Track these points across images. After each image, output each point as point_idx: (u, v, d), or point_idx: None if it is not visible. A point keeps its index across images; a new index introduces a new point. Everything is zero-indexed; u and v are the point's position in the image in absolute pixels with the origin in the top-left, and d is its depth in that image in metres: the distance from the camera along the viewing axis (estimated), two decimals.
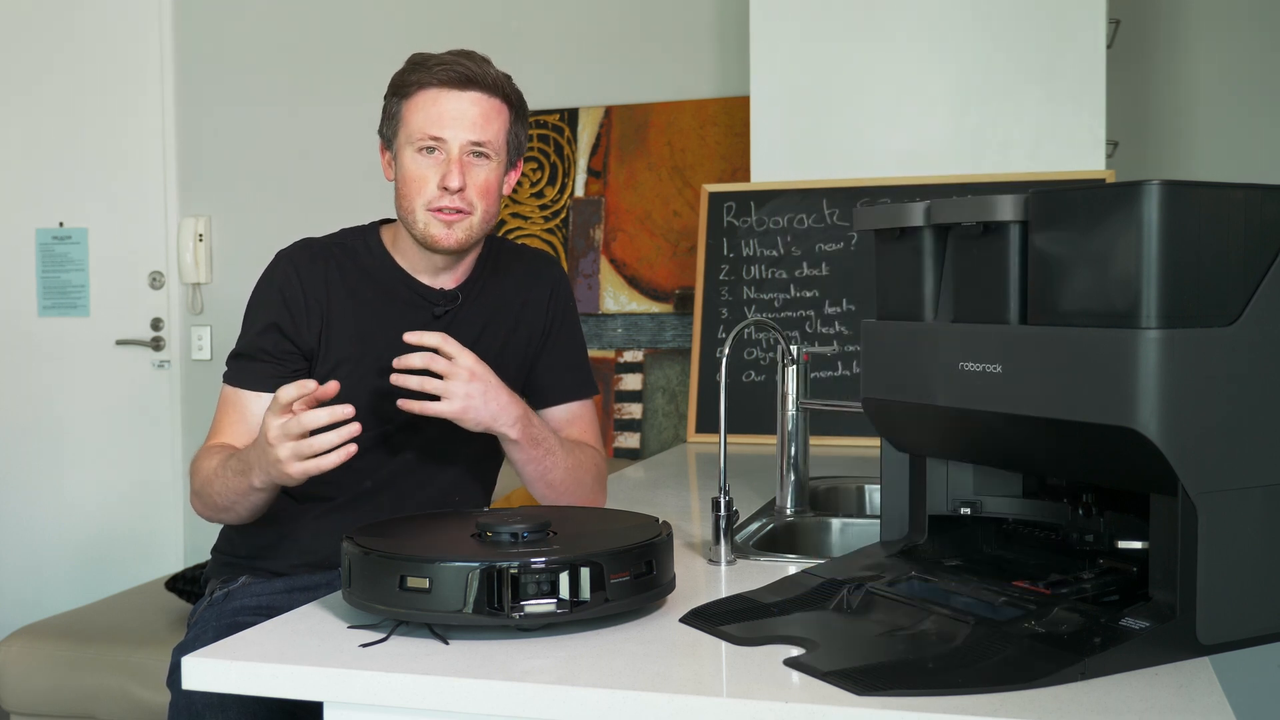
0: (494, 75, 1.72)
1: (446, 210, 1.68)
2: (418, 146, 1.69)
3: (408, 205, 1.71)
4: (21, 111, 3.86)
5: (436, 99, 1.69)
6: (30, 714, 2.59)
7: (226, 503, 1.63)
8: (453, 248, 1.71)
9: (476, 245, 1.78)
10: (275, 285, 1.75)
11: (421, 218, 1.70)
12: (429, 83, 1.69)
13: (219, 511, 1.66)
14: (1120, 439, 1.11)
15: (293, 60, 3.70)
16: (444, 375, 1.57)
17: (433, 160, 1.69)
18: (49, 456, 3.87)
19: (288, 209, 3.67)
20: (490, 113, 1.70)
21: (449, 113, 1.68)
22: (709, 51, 3.35)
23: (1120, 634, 1.10)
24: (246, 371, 1.73)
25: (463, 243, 1.71)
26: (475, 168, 1.70)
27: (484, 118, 1.70)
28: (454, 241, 1.70)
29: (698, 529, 1.76)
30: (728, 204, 2.93)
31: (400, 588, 1.20)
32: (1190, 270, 1.11)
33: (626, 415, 3.33)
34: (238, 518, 1.66)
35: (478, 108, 1.69)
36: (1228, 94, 3.08)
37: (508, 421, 1.62)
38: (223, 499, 1.63)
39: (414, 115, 1.70)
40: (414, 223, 1.71)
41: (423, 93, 1.69)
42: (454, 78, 1.68)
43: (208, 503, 1.66)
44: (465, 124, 1.68)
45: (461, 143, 1.68)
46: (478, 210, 1.71)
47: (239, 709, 1.53)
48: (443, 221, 1.69)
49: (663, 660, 1.15)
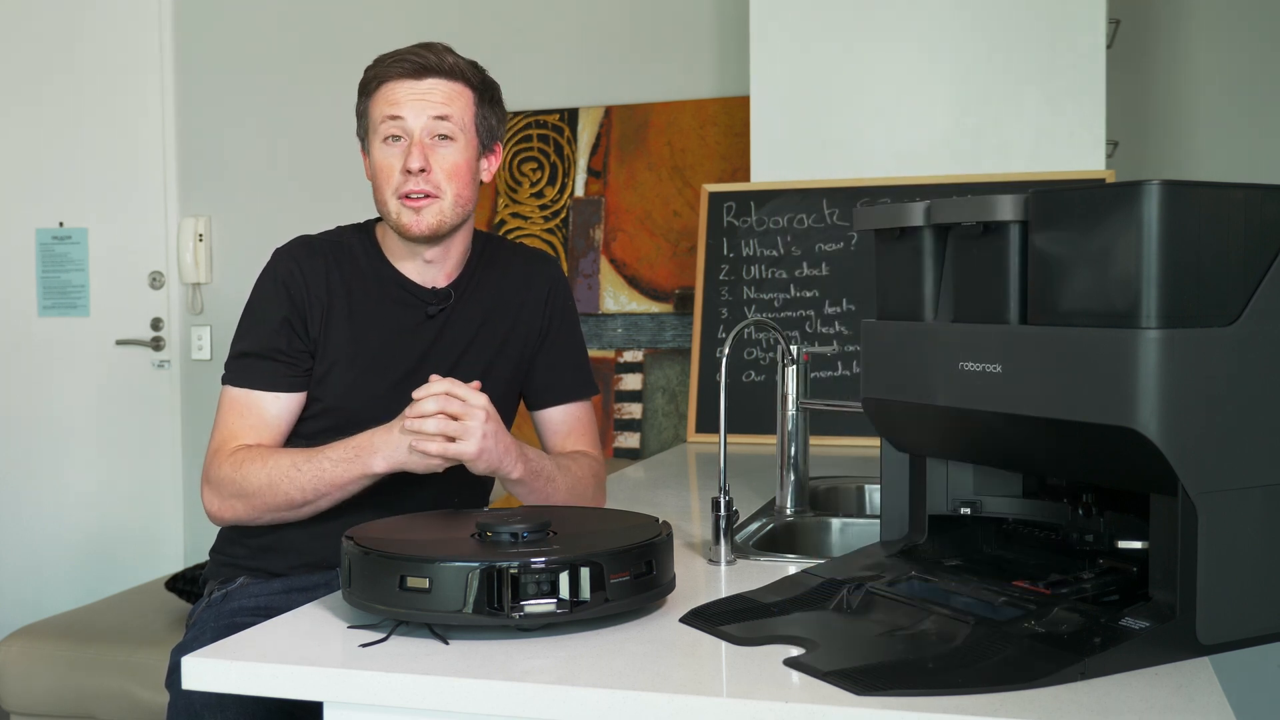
0: (451, 62, 1.73)
1: (414, 195, 1.69)
2: (383, 136, 1.71)
3: (381, 197, 1.72)
4: (22, 111, 3.86)
5: (395, 89, 1.71)
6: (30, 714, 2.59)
7: (309, 496, 1.62)
8: (425, 234, 1.70)
9: (457, 232, 1.76)
10: (280, 281, 1.74)
11: (393, 207, 1.71)
12: (387, 76, 1.72)
13: (291, 507, 1.64)
14: (1120, 439, 1.11)
15: (293, 60, 3.70)
16: (459, 417, 1.54)
17: (398, 148, 1.70)
18: (49, 456, 3.87)
19: (288, 209, 3.67)
20: (450, 95, 1.71)
21: (406, 100, 1.70)
22: (709, 51, 3.35)
23: (1120, 634, 1.10)
24: (256, 371, 1.71)
25: (434, 228, 1.70)
26: (439, 149, 1.70)
27: (444, 99, 1.71)
28: (425, 227, 1.70)
29: (698, 529, 1.76)
30: (728, 204, 2.93)
31: (400, 588, 1.20)
32: (1190, 270, 1.11)
33: (626, 415, 3.33)
34: (313, 510, 1.65)
35: (436, 92, 1.71)
36: (1228, 94, 3.08)
37: (510, 461, 1.61)
38: (305, 493, 1.62)
39: (375, 108, 1.72)
40: (388, 214, 1.72)
41: (382, 86, 1.72)
42: (410, 68, 1.71)
43: (272, 501, 1.64)
44: (423, 108, 1.70)
45: (422, 124, 1.69)
46: (447, 194, 1.70)
47: (238, 709, 1.52)
48: (411, 208, 1.69)
49: (663, 660, 1.15)
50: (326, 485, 1.61)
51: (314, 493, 1.62)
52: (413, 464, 1.56)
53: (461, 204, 1.73)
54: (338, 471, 1.60)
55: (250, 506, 1.66)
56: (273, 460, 1.64)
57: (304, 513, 1.66)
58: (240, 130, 3.75)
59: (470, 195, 1.74)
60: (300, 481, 1.62)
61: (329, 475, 1.60)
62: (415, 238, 1.71)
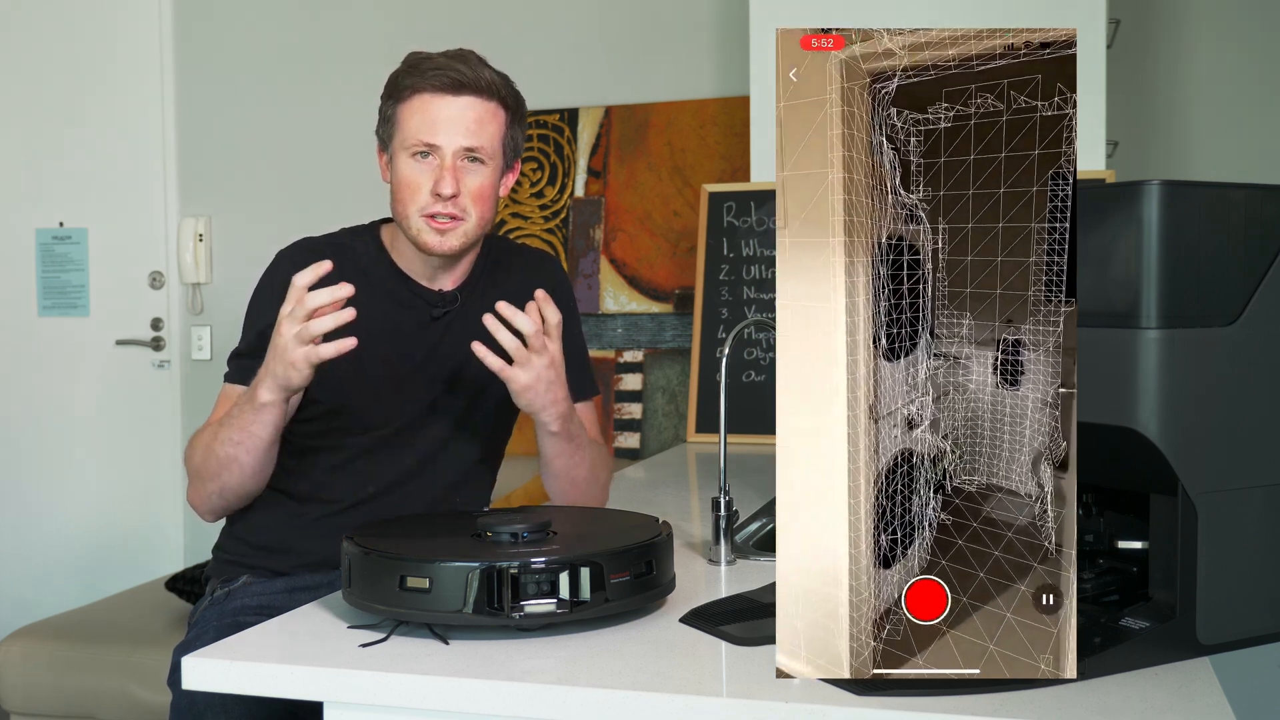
0: (488, 78, 1.70)
1: (440, 217, 1.67)
2: (411, 152, 1.68)
3: (402, 210, 1.70)
4: (21, 111, 3.86)
5: (429, 104, 1.67)
6: (30, 714, 2.59)
7: (229, 450, 1.61)
8: (448, 254, 1.71)
9: (474, 248, 1.78)
10: (277, 284, 1.74)
11: (415, 224, 1.69)
12: (422, 88, 1.68)
13: (220, 472, 1.63)
14: (1120, 439, 1.11)
15: (293, 61, 3.70)
16: (531, 348, 1.55)
17: (426, 166, 1.67)
18: (49, 456, 3.87)
19: (288, 209, 3.67)
20: (485, 117, 1.69)
21: (442, 119, 1.67)
22: (709, 51, 3.35)
23: (1120, 634, 1.10)
24: (250, 370, 1.72)
25: (456, 249, 1.70)
26: (469, 173, 1.68)
27: (478, 122, 1.68)
28: (448, 248, 1.70)
29: (698, 529, 1.76)
30: (728, 204, 2.93)
31: (400, 588, 1.20)
32: (1190, 270, 1.11)
33: (626, 415, 3.33)
34: (240, 473, 1.63)
35: (472, 112, 1.68)
36: (1228, 94, 3.08)
37: (554, 414, 1.61)
38: (225, 446, 1.61)
39: (408, 120, 1.68)
40: (408, 228, 1.70)
41: (416, 97, 1.68)
42: (447, 83, 1.67)
43: (208, 469, 1.64)
44: (458, 130, 1.67)
45: (455, 149, 1.66)
46: (472, 217, 1.69)
47: (240, 709, 1.52)
48: (435, 229, 1.68)
49: (663, 660, 1.15)
50: (237, 433, 1.59)
51: (233, 444, 1.60)
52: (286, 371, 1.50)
53: (483, 225, 1.72)
54: (242, 416, 1.59)
55: (202, 481, 1.67)
56: (208, 429, 1.65)
57: (236, 475, 1.64)
58: (240, 130, 3.74)
59: (492, 216, 1.74)
60: (221, 436, 1.61)
61: (236, 423, 1.59)
62: (435, 255, 1.71)
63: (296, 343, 1.48)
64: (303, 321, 1.47)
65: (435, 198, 1.66)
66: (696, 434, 2.86)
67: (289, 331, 1.48)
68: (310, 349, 1.48)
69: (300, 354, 1.48)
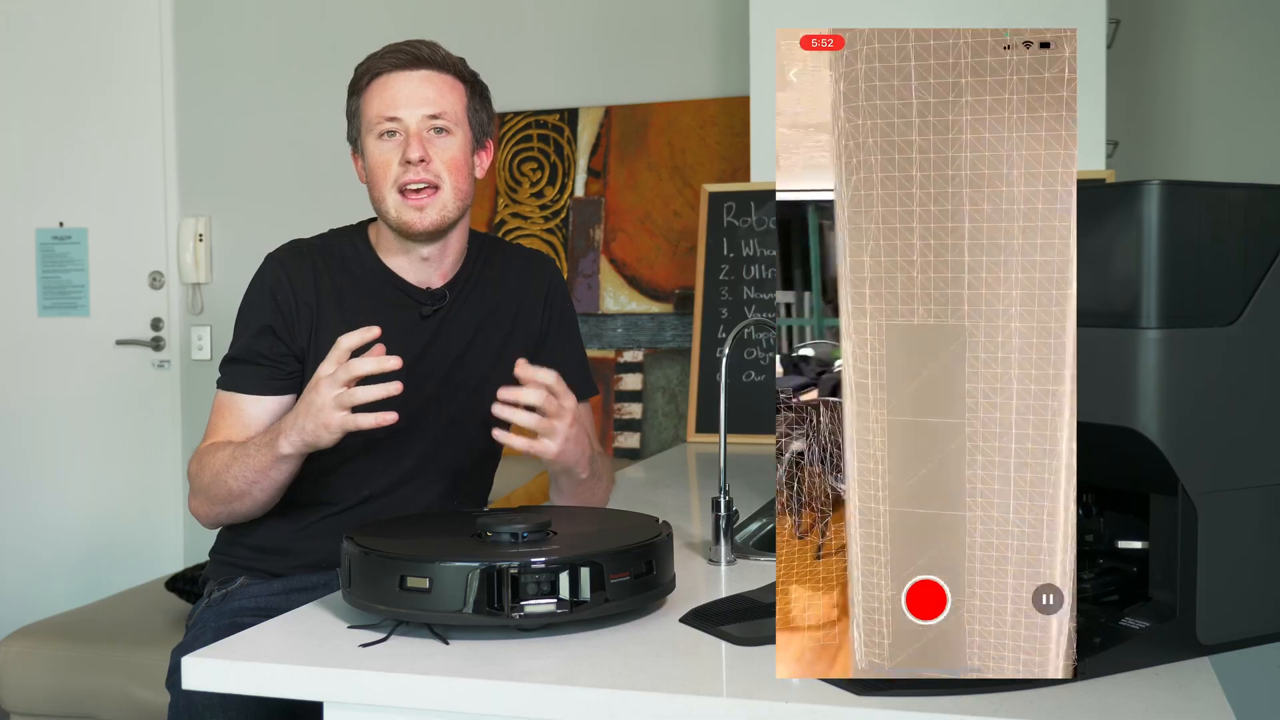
0: (444, 54, 1.73)
1: (414, 186, 1.67)
2: (377, 133, 1.69)
3: (378, 194, 1.70)
4: (21, 111, 3.86)
5: (388, 83, 1.70)
6: (30, 714, 2.59)
7: (242, 486, 1.61)
8: (429, 229, 1.69)
9: (454, 229, 1.75)
10: (266, 288, 1.74)
11: (392, 203, 1.69)
12: (379, 69, 1.71)
13: (230, 500, 1.64)
14: (1120, 439, 1.11)
15: (292, 61, 3.70)
16: (550, 415, 1.51)
17: (394, 143, 1.69)
18: (49, 456, 3.87)
19: (288, 209, 3.67)
20: (444, 87, 1.71)
21: (402, 94, 1.69)
22: (709, 51, 3.35)
23: (1120, 634, 1.10)
24: (241, 375, 1.72)
25: (437, 223, 1.69)
26: (437, 142, 1.69)
27: (438, 92, 1.70)
28: (429, 223, 1.69)
29: (698, 529, 1.76)
30: (728, 204, 2.93)
31: (400, 588, 1.20)
32: (1190, 270, 1.11)
33: (626, 415, 3.33)
34: (252, 504, 1.64)
35: (430, 84, 1.70)
36: (1228, 94, 3.08)
37: (583, 464, 1.61)
38: (239, 482, 1.61)
39: (369, 105, 1.71)
40: (386, 211, 1.70)
41: (374, 81, 1.71)
42: (403, 60, 1.70)
43: (217, 495, 1.64)
44: (419, 100, 1.68)
45: (418, 118, 1.68)
46: (446, 184, 1.69)
47: (239, 709, 1.52)
48: (413, 206, 1.68)
49: (663, 660, 1.15)
50: (252, 473, 1.60)
51: (246, 481, 1.61)
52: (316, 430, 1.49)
53: (461, 197, 1.72)
54: (260, 458, 1.58)
55: (209, 501, 1.67)
56: (220, 453, 1.64)
57: (247, 505, 1.65)
58: (240, 130, 3.74)
59: (468, 189, 1.74)
60: (235, 471, 1.61)
61: (253, 462, 1.59)
62: (417, 234, 1.70)
63: (335, 406, 1.46)
64: (344, 385, 1.45)
65: (405, 166, 1.67)
66: (696, 434, 2.86)
67: (329, 393, 1.46)
68: (347, 416, 1.46)
69: (337, 419, 1.46)
